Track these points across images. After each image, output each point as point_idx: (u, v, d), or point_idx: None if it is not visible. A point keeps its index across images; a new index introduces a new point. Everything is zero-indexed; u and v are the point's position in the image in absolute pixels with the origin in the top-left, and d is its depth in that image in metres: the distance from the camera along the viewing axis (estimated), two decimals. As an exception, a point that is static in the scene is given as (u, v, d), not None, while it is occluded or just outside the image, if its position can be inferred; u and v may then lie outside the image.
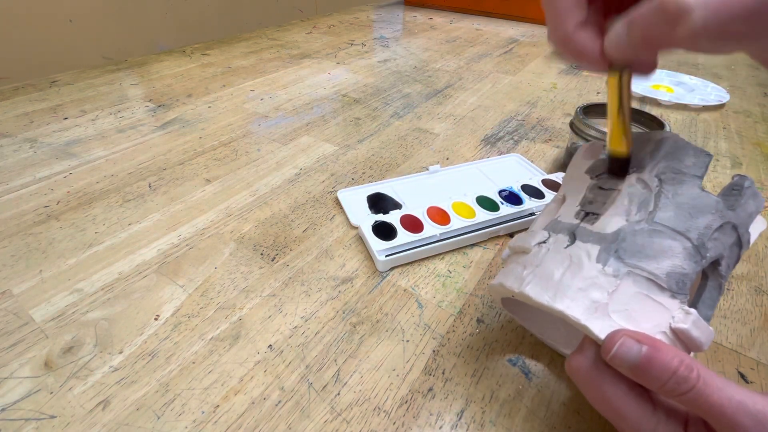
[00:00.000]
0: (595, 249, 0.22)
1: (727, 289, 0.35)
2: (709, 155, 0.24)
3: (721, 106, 0.69)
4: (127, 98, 0.70)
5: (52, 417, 0.26)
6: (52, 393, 0.27)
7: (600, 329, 0.19)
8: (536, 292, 0.22)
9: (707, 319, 0.22)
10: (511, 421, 0.26)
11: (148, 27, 0.90)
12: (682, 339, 0.20)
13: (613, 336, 0.18)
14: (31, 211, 0.44)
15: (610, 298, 0.20)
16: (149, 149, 0.55)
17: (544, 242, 0.24)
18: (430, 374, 0.29)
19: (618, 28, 0.19)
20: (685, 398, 0.17)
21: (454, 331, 0.32)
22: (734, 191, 0.24)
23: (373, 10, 1.38)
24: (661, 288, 0.20)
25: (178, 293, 0.34)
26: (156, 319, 0.32)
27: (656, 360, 0.17)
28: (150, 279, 0.36)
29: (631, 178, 0.24)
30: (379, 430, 0.26)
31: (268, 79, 0.79)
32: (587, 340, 0.20)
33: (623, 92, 0.22)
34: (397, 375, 0.29)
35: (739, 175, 0.24)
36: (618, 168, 0.25)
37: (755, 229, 0.25)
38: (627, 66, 0.21)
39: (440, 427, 0.26)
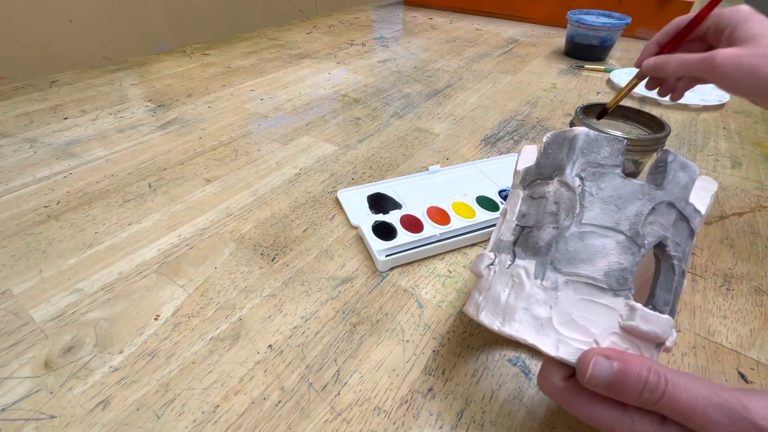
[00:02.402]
0: (531, 264, 0.22)
1: (727, 289, 0.35)
2: (622, 140, 0.23)
3: (721, 106, 0.69)
4: (127, 98, 0.70)
5: (52, 417, 0.26)
6: (52, 393, 0.27)
7: (548, 345, 0.20)
8: (489, 318, 0.22)
9: (667, 303, 0.22)
10: (511, 421, 0.26)
11: (148, 27, 0.90)
12: (636, 335, 0.20)
13: (585, 357, 0.19)
14: (31, 211, 0.44)
15: (553, 312, 0.20)
16: (149, 149, 0.55)
17: (491, 264, 0.24)
18: (430, 374, 0.29)
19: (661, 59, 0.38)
20: (659, 405, 0.17)
21: (454, 331, 0.32)
22: (659, 168, 0.23)
23: (373, 10, 1.38)
24: (602, 289, 0.20)
25: (178, 293, 0.34)
26: (156, 319, 0.32)
27: (628, 373, 0.18)
28: (150, 279, 0.36)
29: (555, 183, 0.24)
30: (379, 430, 0.26)
31: (268, 79, 0.79)
32: (545, 359, 0.21)
33: (630, 87, 0.43)
34: (397, 375, 0.29)
35: (662, 150, 0.23)
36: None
37: (704, 192, 0.24)
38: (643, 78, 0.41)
39: (440, 427, 0.26)
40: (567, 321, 0.20)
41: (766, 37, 0.31)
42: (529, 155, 0.28)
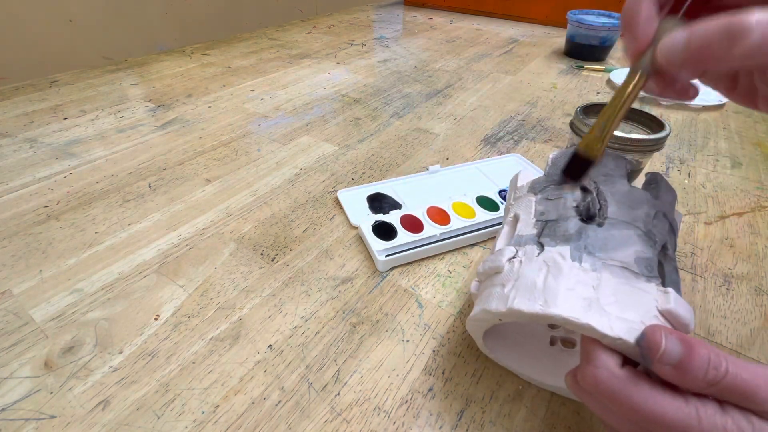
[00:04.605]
0: (565, 249, 0.22)
1: (727, 289, 0.35)
2: (624, 158, 0.26)
3: (721, 106, 0.69)
4: (127, 98, 0.70)
5: (52, 417, 0.26)
6: (52, 393, 0.27)
7: (602, 325, 0.19)
8: (526, 304, 0.21)
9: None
10: (511, 421, 0.26)
11: (148, 27, 0.90)
12: (670, 320, 0.20)
13: (652, 333, 0.17)
14: (31, 211, 0.44)
15: (598, 293, 0.20)
16: (149, 149, 0.55)
17: (514, 257, 0.24)
18: (430, 374, 0.29)
19: (677, 36, 0.18)
20: (721, 385, 0.16)
21: (454, 331, 0.32)
22: (652, 186, 0.26)
23: (373, 10, 1.38)
24: (636, 274, 0.21)
25: (178, 293, 0.34)
26: (156, 319, 0.32)
27: (695, 350, 0.16)
28: (150, 279, 0.36)
29: (570, 186, 0.26)
30: (379, 430, 0.26)
31: (268, 79, 0.79)
32: (592, 348, 0.19)
33: (632, 95, 0.22)
34: (397, 375, 0.29)
35: (650, 172, 0.27)
36: (578, 169, 0.24)
37: (678, 217, 0.27)
38: (652, 72, 0.21)
39: (440, 427, 0.26)
40: (613, 302, 0.20)
41: None
42: (527, 175, 0.31)
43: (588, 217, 0.24)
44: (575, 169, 0.25)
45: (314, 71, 0.84)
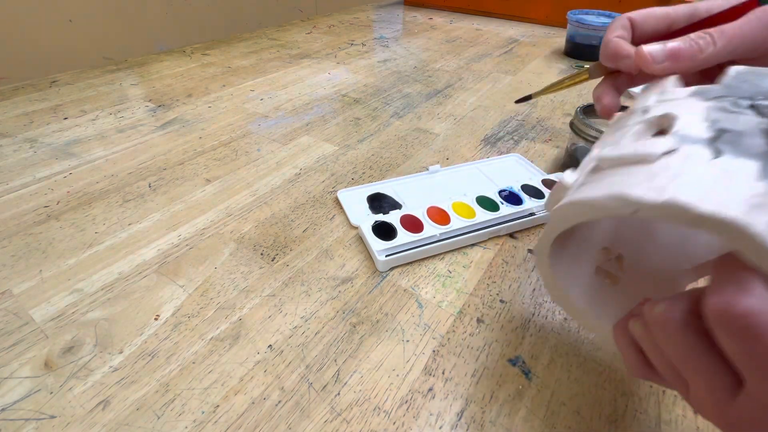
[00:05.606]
0: (750, 164, 0.18)
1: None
2: None
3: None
4: (127, 98, 0.70)
5: (52, 417, 0.26)
6: (52, 393, 0.27)
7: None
8: (693, 200, 0.17)
9: None
10: (511, 421, 0.26)
11: (148, 27, 0.90)
12: None
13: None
14: (31, 211, 0.44)
15: None
16: (149, 149, 0.55)
17: (673, 151, 0.19)
18: (430, 374, 0.29)
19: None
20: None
21: (454, 331, 0.32)
22: None
23: (373, 10, 1.38)
24: None
25: (178, 293, 0.34)
26: (156, 319, 0.32)
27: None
28: (150, 279, 0.36)
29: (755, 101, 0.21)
30: (379, 430, 0.26)
31: (268, 79, 0.79)
32: (747, 274, 0.16)
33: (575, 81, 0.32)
34: (397, 375, 0.29)
35: None
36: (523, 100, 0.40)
37: None
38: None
39: (440, 427, 0.26)
40: None
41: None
42: (665, 84, 0.26)
43: None
44: (523, 100, 0.40)
45: (314, 71, 0.84)
